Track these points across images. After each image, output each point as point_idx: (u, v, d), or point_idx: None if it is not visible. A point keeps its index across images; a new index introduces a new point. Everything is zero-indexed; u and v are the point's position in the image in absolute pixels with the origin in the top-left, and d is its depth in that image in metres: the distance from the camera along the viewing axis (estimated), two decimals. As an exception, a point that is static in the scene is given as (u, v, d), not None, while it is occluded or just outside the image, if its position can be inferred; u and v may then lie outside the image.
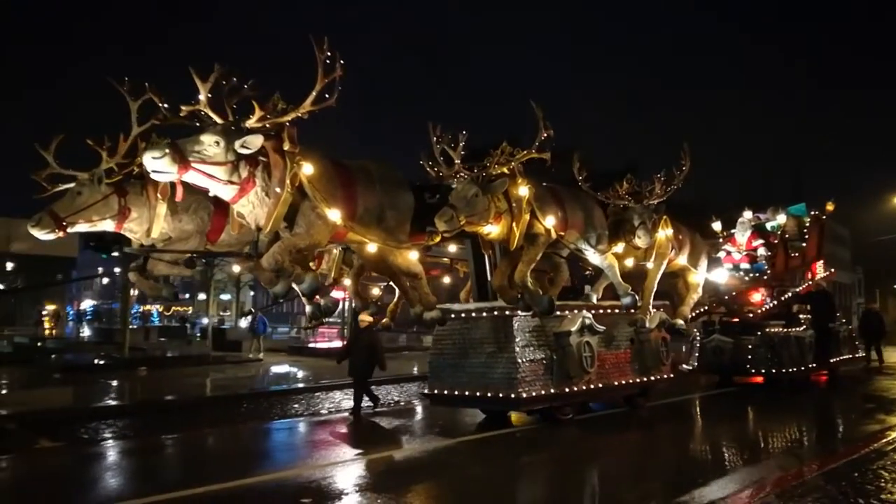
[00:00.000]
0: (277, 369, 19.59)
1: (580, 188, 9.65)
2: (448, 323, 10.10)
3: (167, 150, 5.54)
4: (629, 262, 10.14)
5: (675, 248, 10.73)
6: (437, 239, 7.60)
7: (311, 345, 26.49)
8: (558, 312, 9.81)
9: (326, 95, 6.23)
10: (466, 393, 9.59)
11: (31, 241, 7.08)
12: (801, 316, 14.59)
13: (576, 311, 9.92)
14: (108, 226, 7.28)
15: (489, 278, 10.19)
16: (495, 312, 9.42)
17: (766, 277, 14.07)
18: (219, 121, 5.93)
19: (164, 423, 10.73)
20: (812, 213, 15.31)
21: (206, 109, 5.84)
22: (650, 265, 10.25)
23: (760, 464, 7.67)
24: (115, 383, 15.87)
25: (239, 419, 11.54)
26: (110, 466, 8.24)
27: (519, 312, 9.12)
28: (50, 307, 55.51)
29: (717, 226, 14.86)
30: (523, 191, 8.15)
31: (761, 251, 14.14)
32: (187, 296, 53.05)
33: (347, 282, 9.80)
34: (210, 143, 5.85)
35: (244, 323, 32.48)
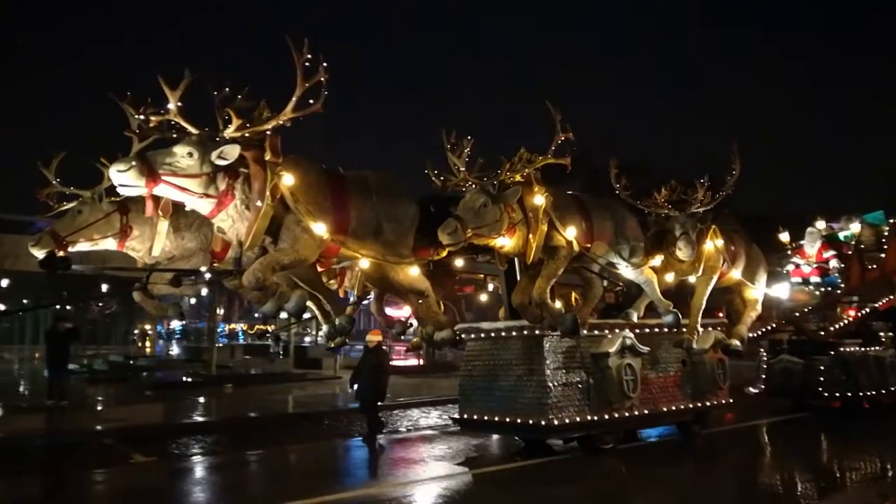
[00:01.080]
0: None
1: (612, 196, 8.91)
2: (478, 342, 9.52)
3: (133, 163, 5.25)
4: (670, 277, 9.27)
5: (728, 260, 9.77)
6: (444, 253, 7.01)
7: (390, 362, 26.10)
8: (596, 332, 9.08)
9: (311, 101, 5.84)
10: (496, 418, 8.91)
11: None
12: (880, 334, 13.18)
13: (616, 331, 9.13)
14: (109, 244, 7.08)
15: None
16: (525, 332, 8.74)
17: (839, 292, 12.80)
18: (194, 131, 5.61)
19: (248, 439, 11.01)
20: (892, 221, 13.90)
21: (178, 119, 5.52)
22: (694, 279, 9.34)
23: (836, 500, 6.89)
24: (202, 400, 16.24)
25: (321, 436, 11.67)
26: (199, 481, 8.59)
27: (550, 332, 8.42)
28: (145, 327, 56.57)
29: (784, 237, 13.67)
30: (539, 200, 7.48)
31: (833, 263, 12.89)
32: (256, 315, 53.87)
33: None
34: (183, 155, 5.52)
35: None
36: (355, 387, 11.06)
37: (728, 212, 13.98)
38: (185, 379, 20.54)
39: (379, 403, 10.88)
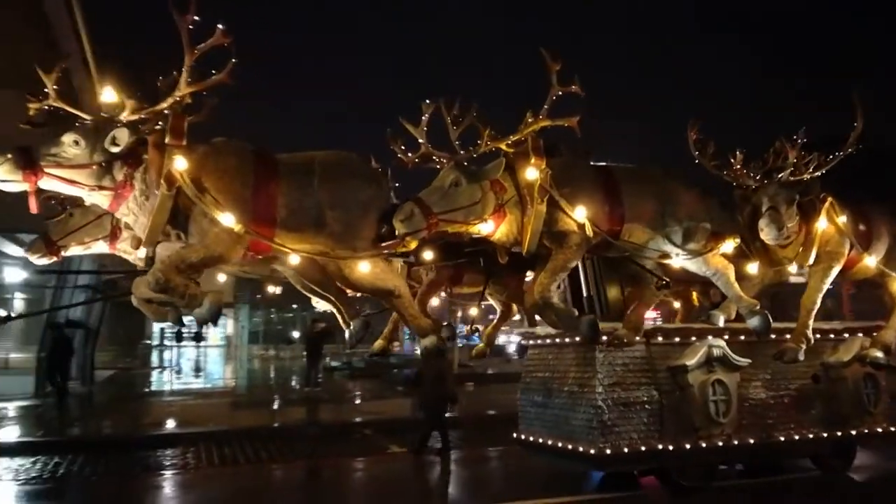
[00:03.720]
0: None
1: (671, 168, 6.97)
2: (535, 350, 8.15)
3: (9, 156, 4.79)
4: (752, 268, 7.08)
5: (858, 244, 7.29)
6: (412, 245, 5.74)
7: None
8: (678, 340, 7.26)
9: (214, 72, 5.03)
10: (549, 441, 7.46)
11: None
12: None
13: (708, 339, 7.20)
14: (101, 247, 6.86)
15: (585, 293, 7.99)
16: (578, 338, 7.21)
17: None
18: (86, 118, 5.05)
19: (486, 435, 11.02)
20: None
21: (58, 104, 4.98)
22: (793, 269, 7.02)
23: None
24: None
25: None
26: (446, 474, 9.02)
27: (605, 338, 6.83)
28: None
29: None
30: (531, 173, 5.94)
31: None
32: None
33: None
34: (69, 144, 4.96)
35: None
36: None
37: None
38: (431, 377, 21.58)
39: (447, 414, 9.80)
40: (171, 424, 13.04)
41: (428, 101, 5.83)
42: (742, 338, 7.49)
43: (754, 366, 7.43)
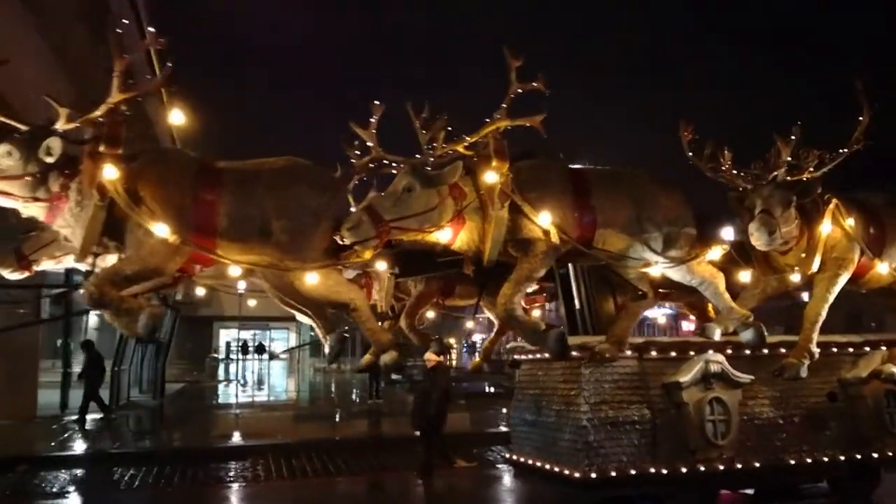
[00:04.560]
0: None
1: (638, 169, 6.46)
2: (527, 366, 7.72)
3: None
4: (745, 277, 6.50)
5: (869, 249, 6.65)
6: (366, 255, 5.40)
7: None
8: (674, 354, 6.75)
9: (149, 77, 4.85)
10: (538, 463, 7.02)
11: None
12: None
13: (707, 354, 6.67)
14: (71, 261, 6.76)
15: (577, 307, 7.54)
16: (574, 353, 6.77)
17: None
18: (21, 127, 4.91)
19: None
20: None
21: None
22: (795, 279, 6.43)
23: None
24: (504, 411, 16.25)
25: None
26: (512, 489, 8.84)
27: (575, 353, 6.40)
28: (450, 340, 60.21)
29: None
30: (490, 177, 5.51)
31: None
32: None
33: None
34: (2, 155, 4.82)
35: None
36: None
37: None
38: (489, 390, 21.71)
39: (438, 432, 9.38)
40: (239, 437, 13.26)
41: (377, 102, 5.51)
42: (747, 352, 6.95)
43: (761, 382, 6.86)
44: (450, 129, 5.75)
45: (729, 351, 6.79)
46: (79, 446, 12.08)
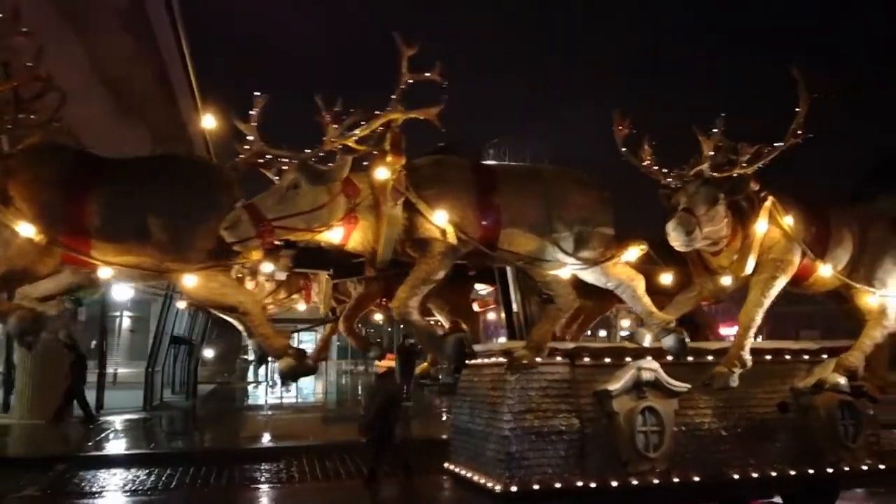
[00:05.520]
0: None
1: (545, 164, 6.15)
2: (466, 372, 7.42)
3: None
4: (666, 279, 6.11)
5: (811, 250, 6.23)
6: (255, 256, 5.14)
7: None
8: (608, 361, 6.41)
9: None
10: (468, 474, 6.71)
11: None
12: None
13: (641, 360, 6.32)
14: None
15: (515, 310, 7.25)
16: (496, 358, 6.48)
17: None
18: None
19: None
20: None
21: None
22: (726, 282, 6.07)
23: None
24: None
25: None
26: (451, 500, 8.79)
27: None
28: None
29: None
30: (381, 173, 5.21)
31: None
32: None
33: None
34: None
35: None
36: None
37: None
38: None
39: (390, 442, 9.09)
40: (272, 438, 13.42)
41: (259, 94, 5.25)
42: (691, 359, 6.58)
43: (702, 391, 6.49)
44: (363, 123, 5.46)
45: (670, 357, 6.46)
46: (116, 446, 12.32)
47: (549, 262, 5.76)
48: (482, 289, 9.15)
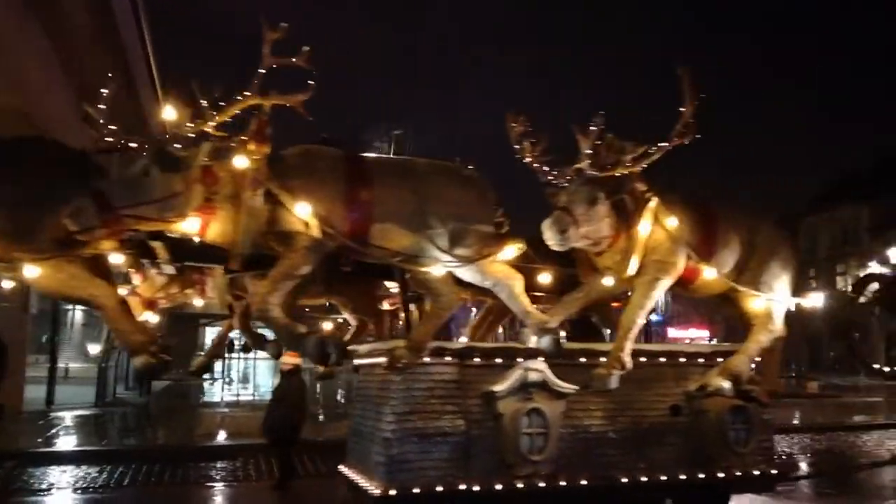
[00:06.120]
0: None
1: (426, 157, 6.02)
2: (364, 371, 7.26)
3: None
4: (544, 279, 6.08)
5: (696, 253, 6.23)
6: (107, 245, 4.90)
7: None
8: (499, 361, 6.30)
9: None
10: (356, 477, 6.52)
11: None
12: None
13: (530, 361, 6.21)
14: None
15: (411, 308, 7.11)
16: (383, 358, 6.32)
17: None
18: None
19: None
20: None
21: None
22: (608, 282, 6.08)
23: None
24: None
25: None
26: None
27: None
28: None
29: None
30: (240, 162, 5.02)
31: None
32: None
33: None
34: None
35: None
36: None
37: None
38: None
39: (292, 443, 8.86)
40: (226, 436, 13.32)
41: (110, 75, 5.01)
42: (584, 360, 6.51)
43: (594, 394, 6.42)
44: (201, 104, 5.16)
45: (562, 359, 6.38)
46: (67, 443, 11.95)
47: (424, 258, 5.63)
48: (394, 287, 9.00)
